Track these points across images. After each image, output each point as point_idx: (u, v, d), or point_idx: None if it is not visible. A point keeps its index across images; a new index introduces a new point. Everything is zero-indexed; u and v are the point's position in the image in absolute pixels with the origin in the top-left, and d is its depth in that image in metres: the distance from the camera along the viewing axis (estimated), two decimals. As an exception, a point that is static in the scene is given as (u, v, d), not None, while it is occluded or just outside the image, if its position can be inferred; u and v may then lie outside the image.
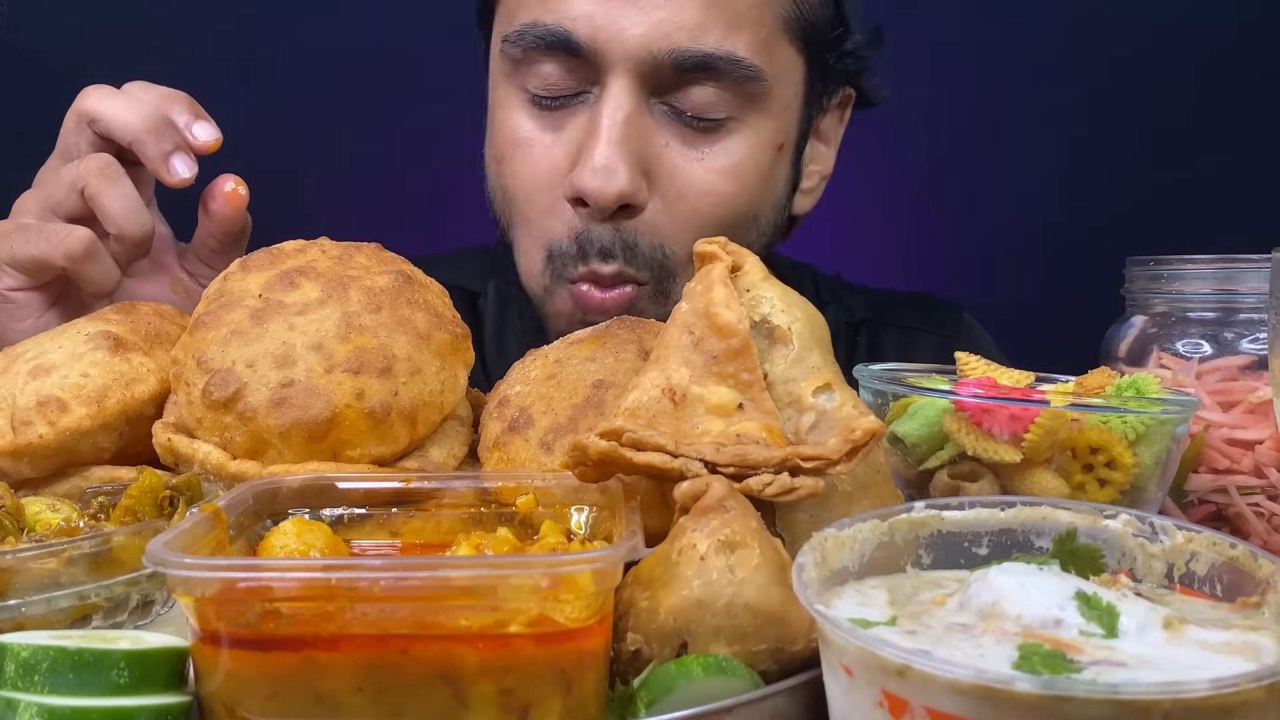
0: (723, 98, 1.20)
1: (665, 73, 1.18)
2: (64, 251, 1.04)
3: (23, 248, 1.06)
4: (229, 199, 1.10)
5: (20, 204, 1.11)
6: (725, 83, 1.19)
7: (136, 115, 1.06)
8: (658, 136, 1.20)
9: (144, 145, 1.06)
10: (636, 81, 1.18)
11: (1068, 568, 0.64)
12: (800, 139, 1.34)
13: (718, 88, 1.19)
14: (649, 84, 1.19)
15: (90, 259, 1.05)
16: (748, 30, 1.19)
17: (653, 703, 0.61)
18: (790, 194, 1.36)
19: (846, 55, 1.35)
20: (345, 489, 0.78)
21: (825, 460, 0.70)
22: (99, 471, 0.91)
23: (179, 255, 1.18)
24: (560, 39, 1.18)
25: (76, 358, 0.91)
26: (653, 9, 1.16)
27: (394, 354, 0.86)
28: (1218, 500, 0.98)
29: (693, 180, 1.21)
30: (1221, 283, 1.01)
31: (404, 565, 0.62)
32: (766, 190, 1.29)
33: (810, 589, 0.57)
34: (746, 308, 0.78)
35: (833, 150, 1.43)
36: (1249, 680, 0.48)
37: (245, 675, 0.60)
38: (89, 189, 1.04)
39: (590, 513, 0.77)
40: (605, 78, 1.18)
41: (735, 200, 1.24)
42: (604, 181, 1.15)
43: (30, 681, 0.60)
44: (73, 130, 1.09)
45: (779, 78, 1.24)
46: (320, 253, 0.94)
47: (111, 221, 1.05)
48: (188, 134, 1.08)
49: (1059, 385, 0.93)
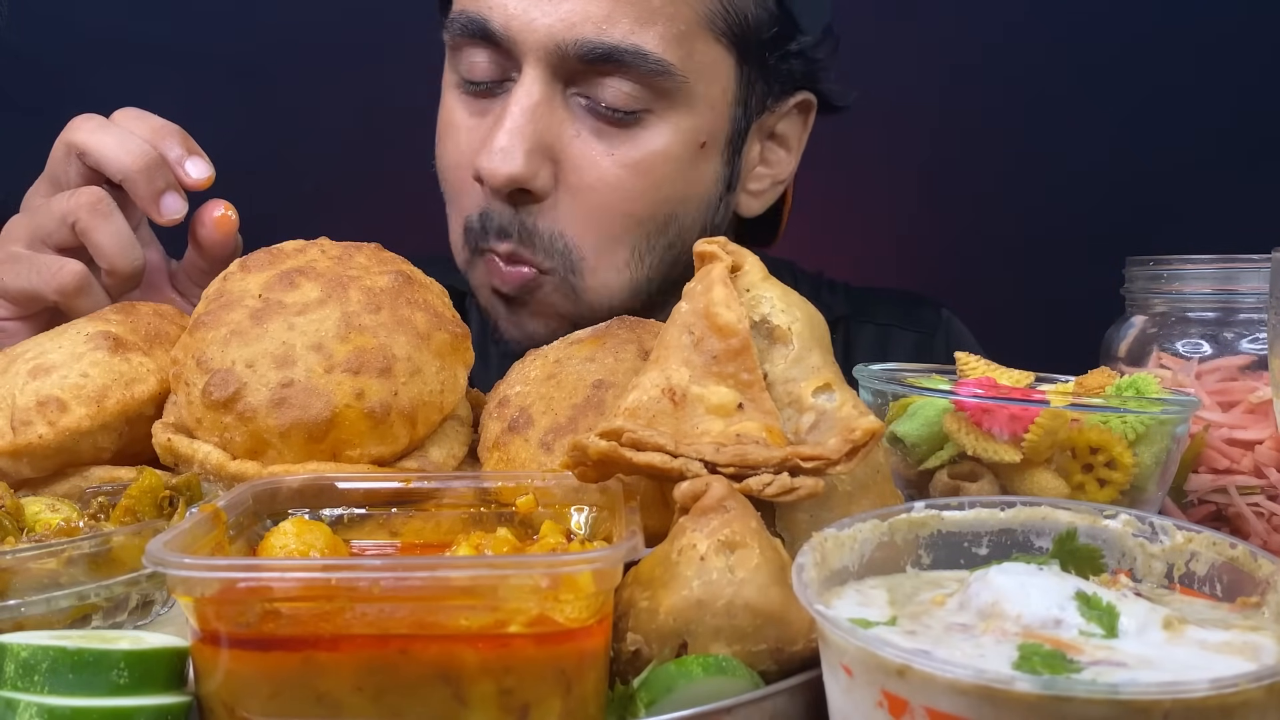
0: (635, 91, 1.20)
1: (573, 64, 1.18)
2: (56, 286, 1.04)
3: (14, 280, 1.06)
4: (219, 225, 1.10)
5: (9, 231, 1.10)
6: (636, 76, 1.19)
7: (128, 153, 1.05)
8: (568, 127, 1.21)
9: (135, 185, 1.05)
10: (548, 71, 1.19)
11: (1068, 568, 0.64)
12: (735, 138, 1.31)
13: (629, 81, 1.19)
14: (560, 74, 1.20)
15: (82, 293, 1.05)
16: (661, 25, 1.19)
17: (653, 703, 0.61)
18: (724, 194, 1.34)
19: (791, 56, 1.32)
20: (345, 489, 0.78)
21: (825, 460, 0.70)
22: (99, 471, 0.91)
23: (170, 275, 1.17)
24: (479, 27, 1.20)
25: (76, 358, 0.91)
26: (562, 1, 1.17)
27: (394, 354, 0.86)
28: (1217, 500, 0.98)
29: (600, 172, 1.21)
30: (1221, 283, 1.01)
31: (404, 565, 0.62)
32: (686, 188, 1.27)
33: (810, 589, 0.57)
34: (746, 307, 0.78)
35: (794, 156, 1.41)
36: (1249, 680, 0.48)
37: (245, 675, 0.60)
38: (80, 224, 1.04)
39: (590, 513, 0.77)
40: (521, 66, 1.20)
41: (645, 196, 1.23)
42: (499, 163, 1.17)
43: (30, 682, 0.60)
44: (61, 159, 1.08)
45: (699, 74, 1.23)
46: (320, 253, 0.94)
47: (104, 258, 1.05)
48: (180, 170, 1.07)
49: (1059, 385, 0.93)
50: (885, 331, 1.61)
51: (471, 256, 1.27)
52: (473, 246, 1.26)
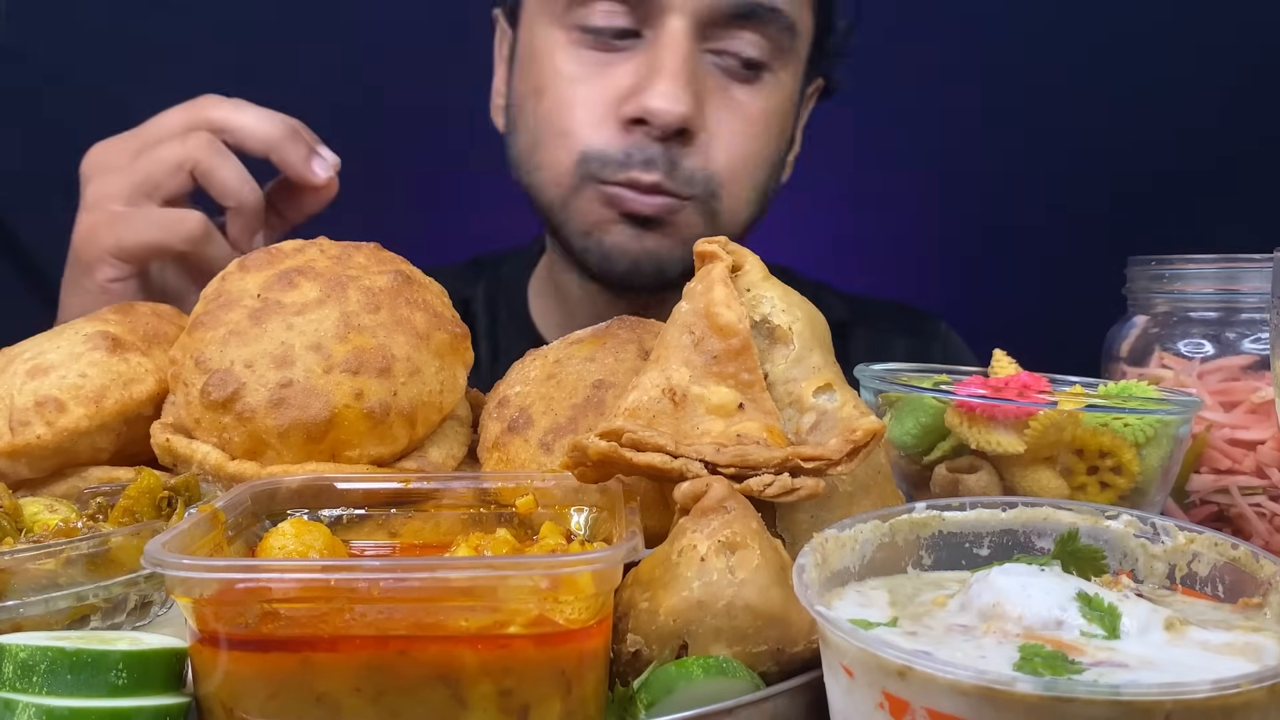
0: (763, 46, 1.33)
1: (718, 18, 1.29)
2: (184, 236, 1.05)
3: (133, 236, 1.06)
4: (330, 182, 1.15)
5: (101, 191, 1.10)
6: (767, 33, 1.32)
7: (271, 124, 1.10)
8: (708, 79, 1.32)
9: (285, 152, 1.10)
10: (695, 25, 1.29)
11: (1069, 569, 0.64)
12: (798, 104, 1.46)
13: (761, 36, 1.32)
14: (700, 29, 1.30)
15: (209, 240, 1.08)
16: None
17: (653, 704, 0.61)
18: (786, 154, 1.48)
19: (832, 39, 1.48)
20: (344, 489, 0.78)
21: (826, 461, 0.70)
22: (97, 472, 0.91)
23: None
24: None
25: (74, 358, 0.91)
26: None
27: (393, 354, 0.86)
28: (1219, 501, 0.98)
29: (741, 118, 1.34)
30: (1223, 282, 1.01)
31: (403, 566, 0.62)
32: (781, 141, 1.42)
33: (811, 590, 0.57)
34: (747, 307, 0.78)
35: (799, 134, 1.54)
36: (1251, 681, 0.47)
37: (244, 676, 0.60)
38: (201, 166, 1.06)
39: (590, 513, 0.77)
40: (664, 19, 1.29)
41: (771, 141, 1.38)
42: (671, 104, 1.26)
43: (28, 682, 0.60)
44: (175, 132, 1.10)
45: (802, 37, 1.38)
46: (319, 252, 0.94)
47: (230, 195, 1.07)
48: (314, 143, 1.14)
49: (1072, 388, 0.93)
50: (884, 338, 1.66)
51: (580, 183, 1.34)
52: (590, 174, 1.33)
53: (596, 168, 1.32)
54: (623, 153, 1.31)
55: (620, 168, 1.31)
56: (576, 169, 1.33)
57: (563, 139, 1.34)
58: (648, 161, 1.30)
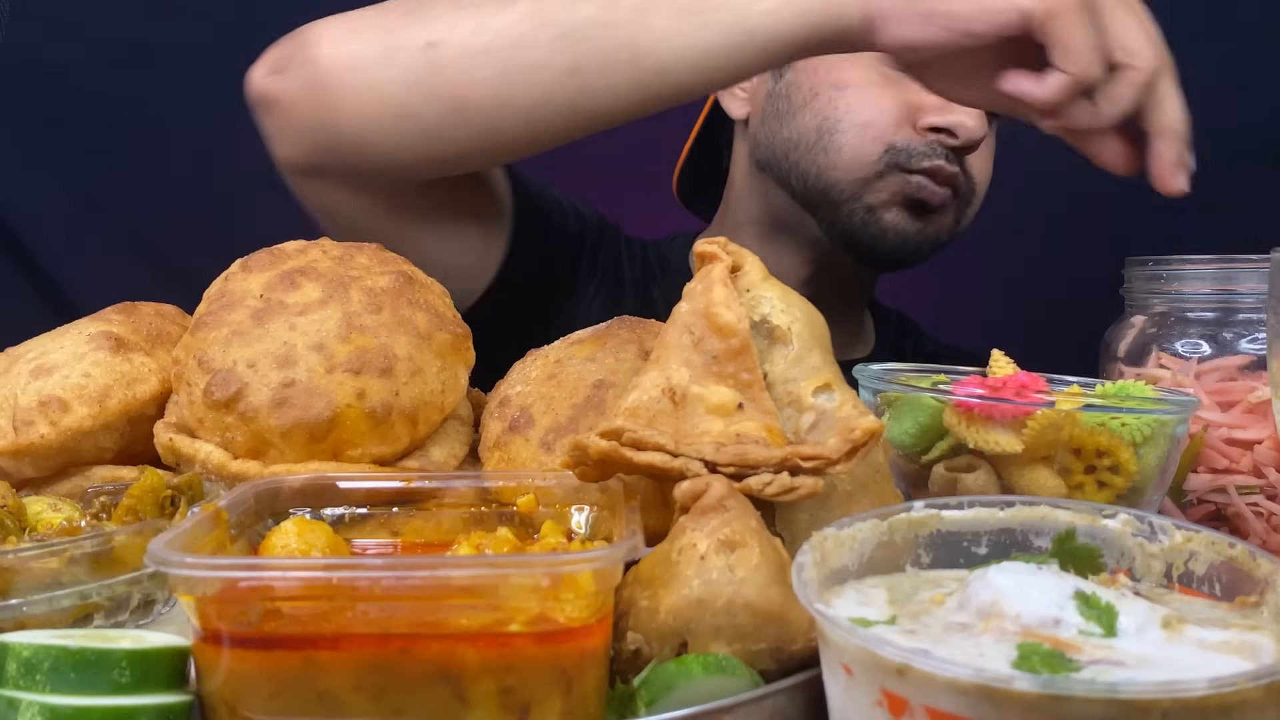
0: None
1: None
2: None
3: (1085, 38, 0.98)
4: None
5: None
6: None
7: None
8: None
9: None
10: None
11: (1067, 567, 0.64)
12: None
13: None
14: None
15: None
16: None
17: (653, 702, 0.61)
18: None
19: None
20: (346, 489, 0.78)
21: (825, 460, 0.70)
22: (100, 471, 0.91)
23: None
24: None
25: (78, 358, 0.91)
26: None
27: (395, 354, 0.86)
28: (1216, 500, 0.98)
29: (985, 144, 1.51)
30: (1220, 283, 1.01)
31: (405, 565, 0.62)
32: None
33: (810, 588, 0.57)
34: (746, 308, 0.78)
35: None
36: (1247, 679, 0.48)
37: (246, 674, 0.60)
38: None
39: (590, 512, 0.77)
40: None
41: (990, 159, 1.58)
42: (979, 123, 1.43)
43: (32, 681, 0.60)
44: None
45: None
46: (321, 253, 0.94)
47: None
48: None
49: (1070, 388, 0.94)
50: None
51: (885, 169, 1.47)
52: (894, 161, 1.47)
53: (904, 158, 1.46)
54: (926, 146, 1.47)
55: (925, 158, 1.46)
56: (884, 156, 1.47)
57: (867, 129, 1.48)
58: (947, 158, 1.47)
